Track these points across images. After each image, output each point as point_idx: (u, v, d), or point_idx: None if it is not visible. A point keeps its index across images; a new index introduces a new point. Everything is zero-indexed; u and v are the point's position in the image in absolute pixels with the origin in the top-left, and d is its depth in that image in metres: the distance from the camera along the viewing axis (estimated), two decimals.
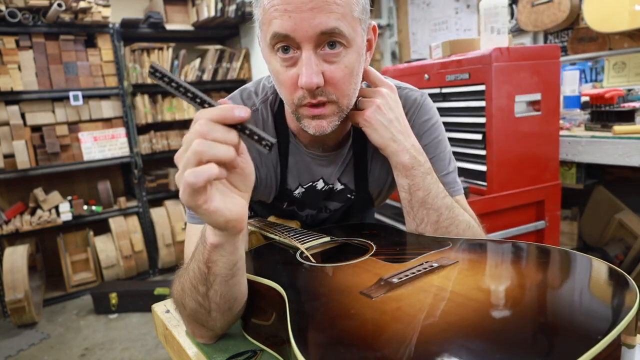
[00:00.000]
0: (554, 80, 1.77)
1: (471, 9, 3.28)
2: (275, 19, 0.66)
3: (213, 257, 0.59)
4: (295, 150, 0.88)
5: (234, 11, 3.32)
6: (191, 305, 0.66)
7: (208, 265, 0.60)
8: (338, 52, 0.68)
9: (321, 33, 0.65)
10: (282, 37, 0.66)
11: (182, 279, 0.68)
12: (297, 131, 0.86)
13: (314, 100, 0.70)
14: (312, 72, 0.66)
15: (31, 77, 2.99)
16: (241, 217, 0.54)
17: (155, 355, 2.39)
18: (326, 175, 0.90)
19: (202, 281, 0.62)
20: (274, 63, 0.71)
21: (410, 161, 0.79)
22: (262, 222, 0.99)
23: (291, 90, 0.71)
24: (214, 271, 0.60)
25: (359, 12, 0.69)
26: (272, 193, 0.92)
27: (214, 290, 0.62)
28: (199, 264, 0.61)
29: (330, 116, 0.73)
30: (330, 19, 0.65)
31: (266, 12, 0.67)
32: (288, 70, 0.70)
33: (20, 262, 2.80)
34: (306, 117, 0.73)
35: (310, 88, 0.68)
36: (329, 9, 0.65)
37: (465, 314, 0.49)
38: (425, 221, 0.81)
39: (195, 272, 0.63)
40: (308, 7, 0.64)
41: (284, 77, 0.70)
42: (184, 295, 0.67)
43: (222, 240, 0.57)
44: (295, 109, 0.73)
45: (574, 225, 2.49)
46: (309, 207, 0.97)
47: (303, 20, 0.64)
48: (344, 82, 0.71)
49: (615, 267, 0.56)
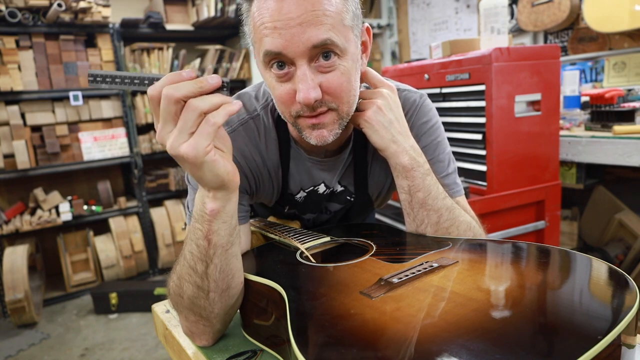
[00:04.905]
0: (554, 80, 1.77)
1: (471, 9, 3.28)
2: (266, 37, 0.66)
3: (214, 227, 0.62)
4: (297, 155, 0.88)
5: (234, 11, 3.32)
6: (189, 291, 0.67)
7: (209, 237, 0.63)
8: (332, 62, 0.68)
9: (313, 47, 0.65)
10: (274, 55, 0.66)
11: (178, 267, 0.70)
12: (299, 138, 0.85)
13: (313, 113, 0.70)
14: (308, 88, 0.66)
15: (31, 77, 2.99)
16: (235, 171, 0.61)
17: (155, 355, 2.39)
18: (327, 179, 0.90)
19: (202, 258, 0.64)
20: (269, 79, 0.71)
21: (410, 162, 0.79)
22: (263, 222, 0.99)
23: (288, 104, 0.71)
24: (215, 242, 0.63)
25: (349, 19, 0.68)
26: (273, 197, 0.92)
27: (213, 265, 0.64)
28: (198, 242, 0.64)
29: (330, 124, 0.72)
30: (321, 31, 0.64)
31: (256, 30, 0.67)
32: (284, 85, 0.69)
33: (20, 262, 2.80)
34: (306, 128, 0.73)
35: (308, 104, 0.68)
36: (319, 21, 0.64)
37: (465, 314, 0.49)
38: (426, 222, 0.81)
39: (193, 252, 0.65)
40: (297, 23, 0.64)
41: (280, 92, 0.70)
42: (181, 282, 0.68)
43: (222, 203, 0.62)
44: (294, 121, 0.73)
45: (574, 225, 2.49)
46: (310, 211, 0.97)
47: (293, 36, 0.64)
48: (341, 91, 0.70)
49: (615, 267, 0.56)
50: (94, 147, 3.23)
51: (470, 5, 3.28)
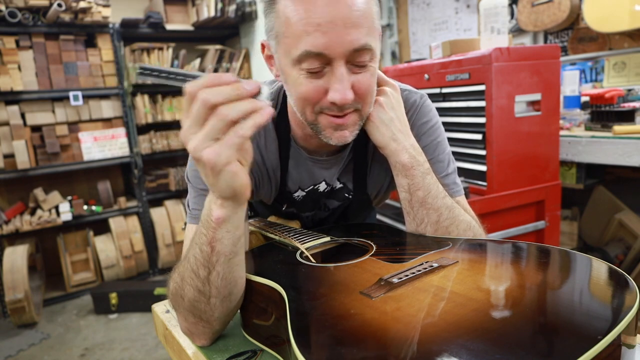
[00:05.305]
0: (554, 80, 1.77)
1: (471, 9, 3.28)
2: (308, 35, 0.64)
3: (218, 235, 0.61)
4: (296, 154, 0.88)
5: (234, 11, 3.32)
6: (190, 294, 0.66)
7: (212, 244, 0.61)
8: (365, 64, 0.69)
9: (354, 50, 0.66)
10: (314, 55, 0.66)
11: (181, 268, 0.68)
12: (302, 138, 0.85)
13: (340, 113, 0.71)
14: (345, 89, 0.67)
15: (31, 77, 2.99)
16: (248, 185, 0.58)
17: (155, 355, 2.39)
18: (328, 177, 0.91)
19: (204, 264, 0.63)
20: (294, 74, 0.70)
21: (410, 161, 0.79)
22: (262, 222, 0.99)
23: (314, 101, 0.70)
24: (218, 250, 0.62)
25: (377, 22, 0.70)
26: (272, 195, 0.93)
27: (216, 272, 0.63)
28: (202, 247, 0.62)
29: (352, 125, 0.74)
30: (362, 34, 0.66)
31: (292, 25, 0.66)
32: (313, 82, 0.69)
33: (20, 262, 2.80)
34: (327, 128, 0.73)
35: (344, 104, 0.68)
36: (360, 24, 0.65)
37: (465, 314, 0.49)
38: (426, 221, 0.81)
39: (196, 256, 0.64)
40: (341, 23, 0.64)
41: (307, 88, 0.69)
42: (183, 284, 0.67)
43: (229, 212, 0.60)
44: (315, 118, 0.73)
45: (574, 225, 2.49)
46: (309, 209, 0.97)
47: (338, 37, 0.64)
48: (369, 92, 0.72)
49: (615, 267, 0.56)
50: (94, 147, 3.23)
51: (470, 5, 3.28)
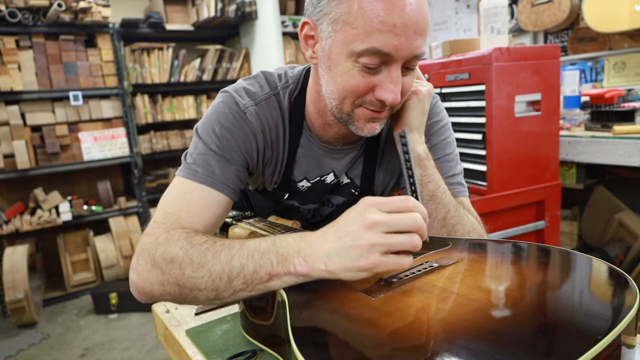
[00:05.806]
0: (554, 80, 1.77)
1: (471, 9, 3.28)
2: (380, 34, 0.64)
3: (285, 278, 0.59)
4: (307, 143, 0.87)
5: (234, 11, 3.32)
6: (198, 281, 0.62)
7: (272, 278, 0.59)
8: (413, 68, 0.72)
9: (414, 56, 0.68)
10: (380, 54, 0.66)
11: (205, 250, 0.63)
12: (321, 126, 0.84)
13: (382, 109, 0.73)
14: (398, 91, 0.69)
15: (31, 77, 2.99)
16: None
17: (155, 355, 2.39)
18: (337, 168, 0.91)
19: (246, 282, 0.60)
20: (347, 66, 0.69)
21: (425, 153, 0.82)
22: (262, 222, 0.99)
23: (361, 94, 0.71)
24: (269, 285, 0.60)
25: None
26: (274, 179, 0.91)
27: (247, 293, 0.61)
28: (259, 269, 0.60)
29: (383, 119, 0.76)
30: (423, 42, 0.68)
31: (366, 19, 0.65)
32: (365, 77, 0.69)
33: (20, 262, 2.80)
34: (361, 119, 0.74)
35: (394, 104, 0.70)
36: (425, 32, 0.68)
37: (465, 314, 0.49)
38: (434, 216, 0.81)
39: (244, 269, 0.60)
40: (413, 28, 0.65)
41: (358, 81, 0.70)
42: (196, 265, 0.61)
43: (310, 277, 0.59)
44: (352, 110, 0.73)
45: (574, 225, 2.49)
46: (312, 202, 0.97)
47: (407, 41, 0.66)
48: (408, 92, 0.75)
49: (615, 267, 0.56)
50: (94, 147, 3.23)
51: (470, 5, 3.28)
